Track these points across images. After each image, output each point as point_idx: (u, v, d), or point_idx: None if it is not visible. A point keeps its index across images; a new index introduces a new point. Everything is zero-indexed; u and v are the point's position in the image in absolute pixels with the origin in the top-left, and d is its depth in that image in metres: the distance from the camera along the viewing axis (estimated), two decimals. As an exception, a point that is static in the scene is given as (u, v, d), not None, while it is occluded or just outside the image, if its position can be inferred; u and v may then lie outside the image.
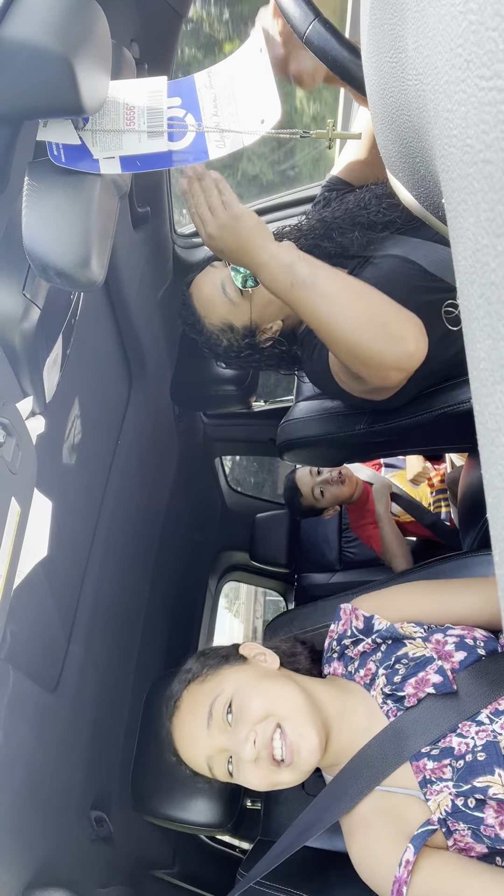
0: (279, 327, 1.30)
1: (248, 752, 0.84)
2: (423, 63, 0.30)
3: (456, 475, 1.94)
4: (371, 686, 0.93)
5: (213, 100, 0.65)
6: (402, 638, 0.94)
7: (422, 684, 0.87)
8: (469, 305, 0.26)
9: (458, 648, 0.90)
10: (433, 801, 0.80)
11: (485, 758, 0.79)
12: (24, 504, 0.71)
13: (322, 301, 0.95)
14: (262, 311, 1.28)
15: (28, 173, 0.60)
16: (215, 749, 0.89)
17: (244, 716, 0.87)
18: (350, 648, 1.01)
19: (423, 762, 0.82)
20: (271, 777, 0.85)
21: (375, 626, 0.96)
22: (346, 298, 0.95)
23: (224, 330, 1.30)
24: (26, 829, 0.95)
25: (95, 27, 0.54)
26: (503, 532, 0.26)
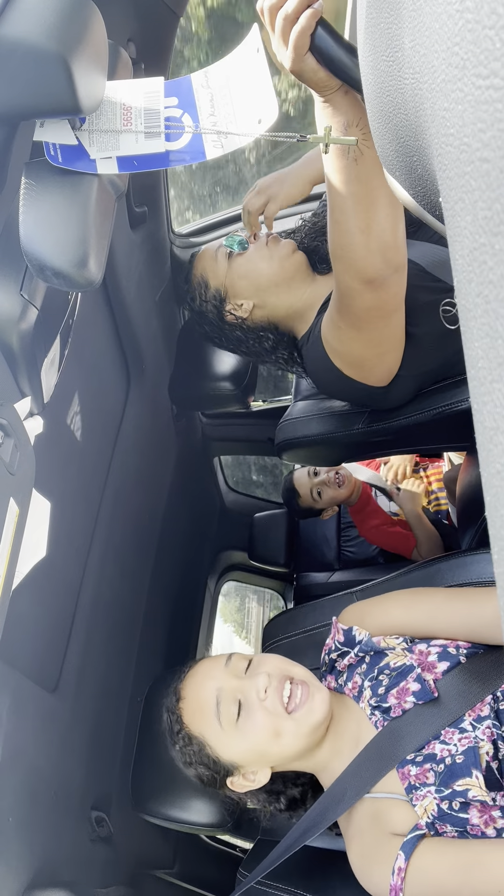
0: (249, 309, 1.32)
1: (262, 683, 0.88)
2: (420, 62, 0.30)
3: (454, 474, 1.94)
4: (359, 698, 0.95)
5: (210, 100, 0.65)
6: (382, 650, 0.96)
7: (403, 694, 0.89)
8: (467, 304, 0.26)
9: (440, 658, 0.91)
10: (419, 807, 0.81)
11: (462, 760, 0.81)
12: (22, 505, 0.70)
13: (351, 183, 0.88)
14: (236, 280, 1.31)
15: (25, 173, 0.60)
16: (229, 686, 0.92)
17: (261, 667, 0.92)
18: (338, 662, 1.03)
19: (407, 769, 0.84)
20: (277, 722, 0.87)
21: (356, 637, 0.99)
22: (371, 197, 0.89)
23: (199, 284, 1.36)
24: (27, 830, 0.95)
25: (92, 27, 0.54)
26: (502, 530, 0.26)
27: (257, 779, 0.94)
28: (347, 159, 0.86)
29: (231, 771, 0.94)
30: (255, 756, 0.91)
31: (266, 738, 0.88)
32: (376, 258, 0.93)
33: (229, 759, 0.92)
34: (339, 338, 1.13)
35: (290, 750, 0.89)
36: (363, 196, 0.88)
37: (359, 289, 0.98)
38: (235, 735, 0.90)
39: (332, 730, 0.93)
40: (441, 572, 1.14)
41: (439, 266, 1.23)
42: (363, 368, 1.16)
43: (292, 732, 0.88)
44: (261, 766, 0.94)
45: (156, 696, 1.31)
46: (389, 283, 0.97)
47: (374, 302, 1.00)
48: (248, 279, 1.30)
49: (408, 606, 1.01)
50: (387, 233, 0.92)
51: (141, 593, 1.63)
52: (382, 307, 1.01)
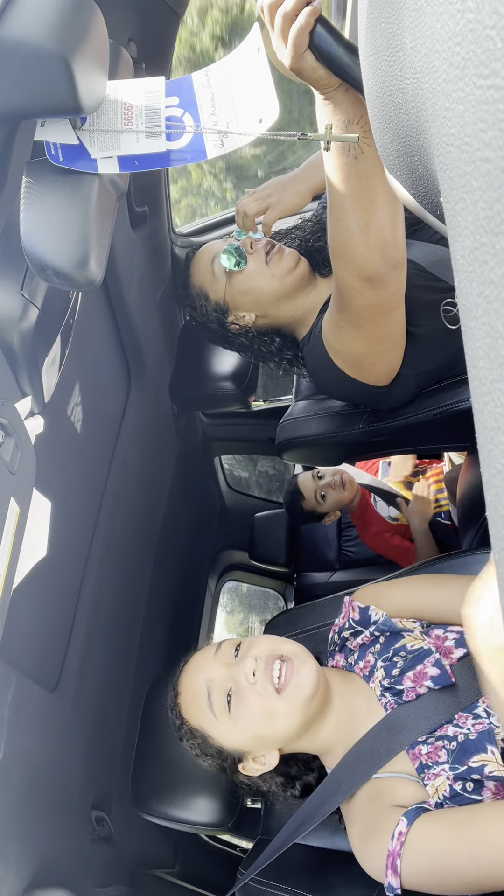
0: (251, 320, 1.32)
1: (249, 667, 0.88)
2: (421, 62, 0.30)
3: (455, 474, 1.94)
4: (370, 678, 0.94)
5: (211, 99, 0.65)
6: (399, 631, 0.95)
7: (420, 678, 0.87)
8: (468, 304, 0.26)
9: (458, 645, 0.90)
10: (431, 786, 0.80)
11: (476, 737, 0.80)
12: (23, 504, 0.70)
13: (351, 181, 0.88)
14: (237, 296, 1.30)
15: (26, 173, 0.60)
16: (219, 675, 0.92)
17: (250, 651, 0.92)
18: (350, 640, 1.02)
19: (418, 749, 0.83)
20: (268, 704, 0.87)
21: (372, 616, 0.98)
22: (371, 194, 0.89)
23: (199, 295, 1.34)
24: (27, 830, 0.95)
25: (93, 27, 0.54)
26: (502, 530, 0.26)
27: (267, 761, 0.94)
28: (348, 157, 0.86)
29: (238, 758, 0.94)
30: (255, 741, 0.92)
31: (260, 722, 0.88)
32: (376, 256, 0.93)
33: (233, 747, 0.93)
34: (339, 337, 1.12)
35: (288, 729, 0.89)
36: (363, 194, 0.88)
37: (358, 287, 0.97)
38: (231, 723, 0.90)
39: (338, 707, 0.92)
40: (441, 572, 1.14)
41: (439, 265, 1.23)
42: (364, 367, 1.16)
43: (285, 712, 0.87)
44: (266, 749, 0.94)
45: (156, 696, 1.31)
46: (389, 281, 0.97)
47: (373, 300, 0.99)
48: (249, 295, 1.29)
49: (425, 590, 1.01)
50: (386, 230, 0.92)
51: (141, 593, 1.63)
52: (382, 305, 1.01)
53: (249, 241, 1.28)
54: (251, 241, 1.28)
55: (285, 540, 2.41)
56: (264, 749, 0.94)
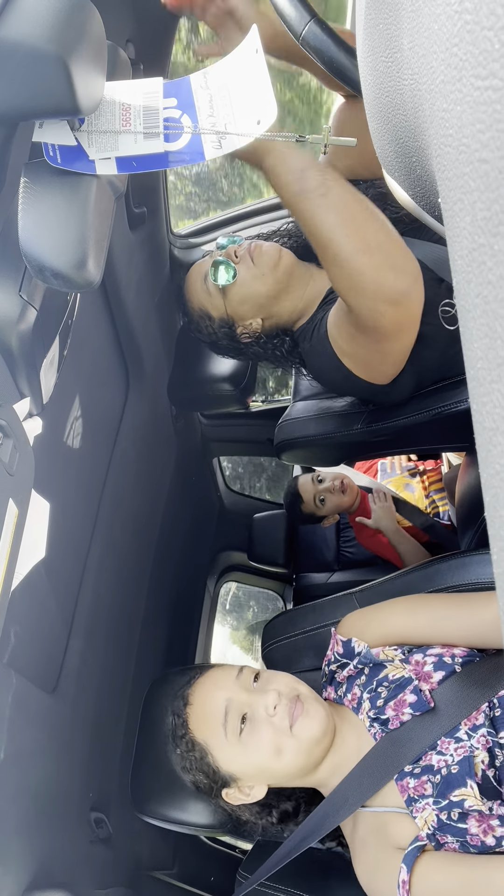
0: (259, 326, 1.32)
1: (272, 700, 0.88)
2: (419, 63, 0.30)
3: (454, 474, 1.94)
4: (358, 710, 0.95)
5: (210, 100, 0.65)
6: (381, 662, 0.96)
7: (400, 706, 0.89)
8: (466, 305, 0.26)
9: (436, 668, 0.92)
10: (420, 818, 0.81)
11: (457, 771, 0.81)
12: (21, 506, 0.70)
13: (328, 216, 0.88)
14: (237, 307, 1.30)
15: (24, 174, 0.60)
16: (238, 698, 0.92)
17: (271, 683, 0.92)
18: (338, 673, 1.03)
19: (406, 781, 0.84)
20: (280, 739, 0.87)
21: (355, 649, 0.99)
22: (355, 218, 0.89)
23: (202, 317, 1.35)
24: (26, 831, 0.95)
25: (91, 28, 0.54)
26: (501, 531, 0.26)
27: (252, 794, 0.93)
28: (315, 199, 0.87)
29: (228, 782, 0.93)
30: (254, 771, 0.91)
31: (268, 755, 0.88)
32: (388, 274, 0.90)
33: (229, 770, 0.92)
34: (353, 346, 1.11)
35: (290, 768, 0.89)
36: (345, 220, 0.87)
37: (385, 310, 0.94)
38: (238, 748, 0.90)
39: (333, 744, 0.93)
40: (441, 573, 1.14)
41: (438, 262, 1.23)
42: (372, 369, 1.16)
43: (293, 750, 0.87)
44: (258, 782, 0.93)
45: (155, 697, 1.31)
46: (413, 295, 0.94)
47: (400, 316, 0.97)
48: (248, 302, 1.28)
49: (409, 613, 1.01)
50: (386, 243, 0.89)
51: (140, 594, 1.63)
52: (409, 318, 0.99)
53: (233, 250, 1.28)
54: (234, 249, 1.28)
55: (284, 541, 2.41)
56: (257, 781, 0.93)
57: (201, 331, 1.38)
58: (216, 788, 0.94)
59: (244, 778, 0.93)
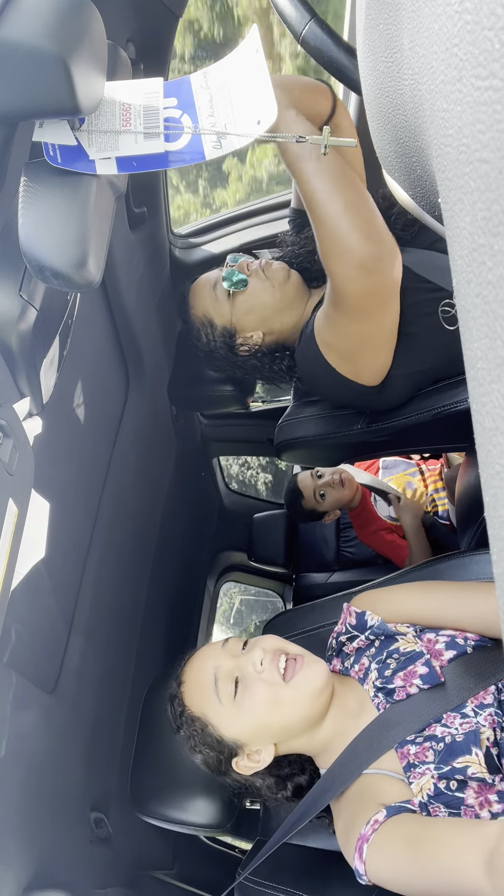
0: (260, 339, 1.34)
1: (257, 656, 0.91)
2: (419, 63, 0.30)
3: (454, 474, 1.94)
4: (364, 680, 0.96)
5: (210, 100, 0.65)
6: (393, 634, 0.96)
7: (410, 677, 0.89)
8: (466, 305, 0.26)
9: (448, 647, 0.92)
10: (416, 785, 0.81)
11: (463, 739, 0.81)
12: (21, 505, 0.70)
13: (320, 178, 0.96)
14: (242, 317, 1.32)
15: (24, 174, 0.60)
16: (226, 664, 0.94)
17: (258, 644, 0.94)
18: (347, 645, 1.04)
19: (406, 748, 0.85)
20: (274, 691, 0.89)
21: (368, 621, 0.99)
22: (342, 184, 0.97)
23: (204, 324, 1.36)
24: (26, 831, 0.95)
25: (91, 27, 0.54)
26: (501, 531, 0.26)
27: (262, 758, 0.94)
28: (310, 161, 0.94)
29: (234, 750, 0.94)
30: (256, 730, 0.92)
31: (265, 709, 0.89)
32: (364, 237, 0.95)
33: (232, 736, 0.93)
34: (334, 332, 1.13)
35: (291, 719, 0.90)
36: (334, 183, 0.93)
37: (355, 275, 0.98)
38: (235, 710, 0.92)
39: (335, 708, 0.94)
40: (440, 573, 1.14)
41: (429, 268, 1.23)
42: (356, 364, 1.16)
43: (290, 700, 0.89)
44: (264, 743, 0.94)
45: (155, 697, 1.31)
46: (384, 267, 0.98)
47: (372, 286, 1.00)
48: (254, 313, 1.31)
49: (421, 596, 1.02)
50: (365, 212, 0.94)
51: (140, 594, 1.63)
52: (380, 292, 1.02)
53: (245, 264, 1.31)
54: (247, 263, 1.31)
55: (284, 541, 2.41)
56: (262, 741, 0.94)
57: (200, 339, 1.39)
58: (225, 761, 0.95)
59: (248, 741, 0.93)
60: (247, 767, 0.96)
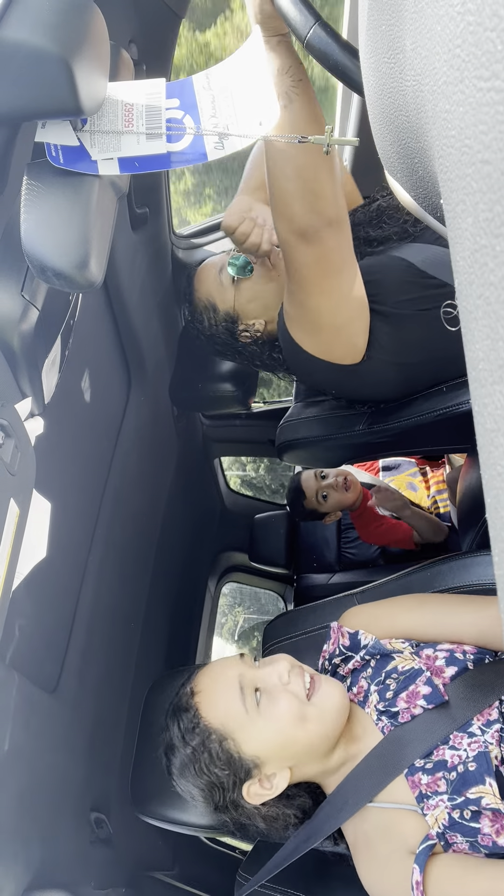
0: (262, 327, 1.33)
1: (284, 668, 0.88)
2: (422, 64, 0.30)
3: (456, 475, 1.94)
4: (364, 703, 0.94)
5: (212, 101, 0.65)
6: (390, 653, 0.95)
7: (413, 698, 0.87)
8: (468, 306, 0.26)
9: (448, 663, 0.90)
10: (430, 816, 0.80)
11: (475, 768, 0.80)
12: (22, 505, 0.70)
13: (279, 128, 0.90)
14: (245, 304, 1.31)
15: (27, 174, 0.60)
16: (249, 674, 0.90)
17: (278, 660, 0.91)
18: (341, 667, 1.02)
19: (417, 777, 0.83)
20: (301, 707, 0.86)
21: (362, 641, 0.97)
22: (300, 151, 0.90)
23: (207, 308, 1.35)
24: (26, 832, 0.95)
25: (93, 28, 0.54)
26: (502, 532, 0.26)
27: (275, 784, 0.88)
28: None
29: (250, 771, 0.87)
30: (280, 744, 0.86)
31: (291, 722, 0.85)
32: (306, 208, 0.93)
33: (252, 752, 0.86)
34: (292, 304, 1.12)
35: (315, 736, 0.86)
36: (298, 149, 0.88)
37: (293, 242, 0.97)
38: (260, 721, 0.86)
39: (345, 733, 0.91)
40: (442, 574, 1.14)
41: (436, 265, 1.23)
42: (321, 342, 1.15)
43: (316, 717, 0.85)
44: (281, 765, 0.88)
45: (156, 697, 1.31)
46: (323, 238, 0.96)
47: (311, 257, 0.98)
48: (257, 301, 1.30)
49: (416, 610, 1.00)
50: (315, 182, 0.91)
51: (141, 594, 1.63)
52: (321, 264, 1.00)
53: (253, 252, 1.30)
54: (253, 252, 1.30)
55: (285, 541, 2.41)
56: (281, 763, 0.88)
57: (202, 322, 1.38)
58: (236, 785, 0.88)
59: (268, 759, 0.87)
60: (258, 795, 0.88)
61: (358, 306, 1.10)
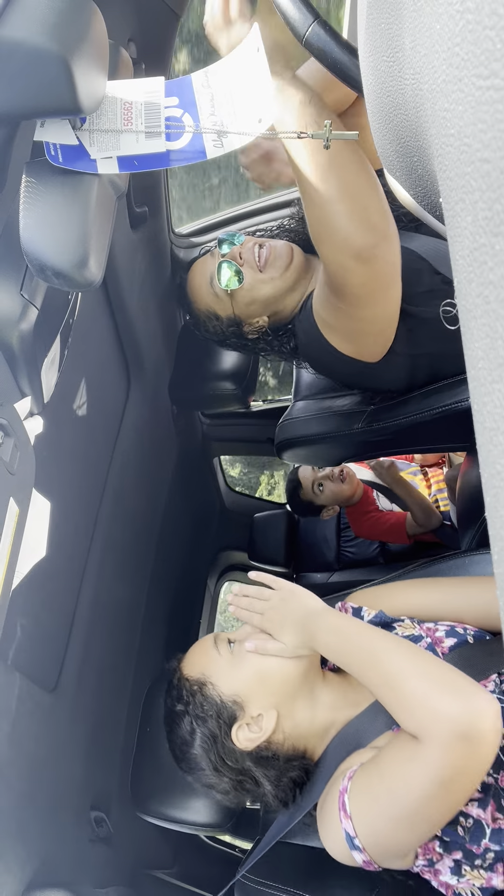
0: (265, 322, 1.33)
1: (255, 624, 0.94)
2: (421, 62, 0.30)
3: (455, 473, 1.94)
4: None
5: (211, 99, 0.65)
6: (391, 622, 0.96)
7: None
8: (467, 304, 0.26)
9: (448, 635, 0.91)
10: None
11: None
12: (22, 504, 0.70)
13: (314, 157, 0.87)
14: (245, 307, 1.31)
15: (26, 173, 0.60)
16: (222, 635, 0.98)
17: None
18: None
19: None
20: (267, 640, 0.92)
21: (365, 617, 0.98)
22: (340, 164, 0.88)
23: (210, 317, 1.35)
24: (26, 831, 0.95)
25: (92, 27, 0.54)
26: (502, 531, 0.26)
27: (263, 726, 0.90)
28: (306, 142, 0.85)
29: (235, 714, 0.91)
30: (255, 678, 0.91)
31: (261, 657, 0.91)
32: (361, 226, 0.89)
33: (231, 690, 0.91)
34: (335, 316, 1.11)
35: (290, 665, 0.90)
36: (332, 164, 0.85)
37: (351, 266, 0.94)
38: (234, 659, 0.93)
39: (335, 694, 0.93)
40: (441, 572, 1.14)
41: (432, 253, 1.23)
42: (358, 344, 1.15)
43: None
44: (265, 702, 0.91)
45: (155, 697, 1.31)
46: (380, 254, 0.93)
47: (368, 276, 0.96)
48: (256, 303, 1.29)
49: (418, 591, 1.01)
50: (365, 196, 0.88)
51: (141, 593, 1.63)
52: (378, 280, 0.98)
53: (237, 252, 1.27)
54: (238, 251, 1.28)
55: (284, 540, 2.41)
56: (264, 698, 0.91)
57: (209, 329, 1.39)
58: (225, 729, 0.91)
59: (248, 697, 0.91)
60: (248, 739, 0.91)
61: (396, 313, 1.09)
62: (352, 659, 0.83)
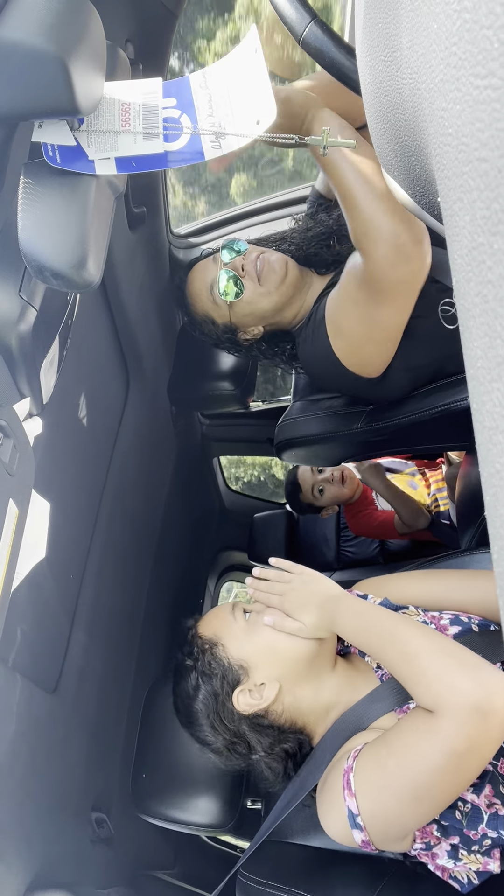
0: (260, 332, 1.35)
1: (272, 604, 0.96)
2: (418, 62, 0.30)
3: (455, 472, 1.94)
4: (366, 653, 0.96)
5: (209, 100, 0.65)
6: (396, 608, 0.97)
7: None
8: (465, 304, 0.26)
9: (452, 623, 0.93)
10: None
11: None
12: (22, 506, 0.70)
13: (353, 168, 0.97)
14: (242, 318, 1.32)
15: (24, 174, 0.60)
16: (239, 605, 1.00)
17: None
18: None
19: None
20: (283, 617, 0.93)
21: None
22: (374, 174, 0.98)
23: (206, 321, 1.37)
24: (27, 832, 0.95)
25: (90, 28, 0.54)
26: (501, 530, 0.26)
27: (264, 695, 0.93)
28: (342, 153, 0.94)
29: (239, 677, 0.94)
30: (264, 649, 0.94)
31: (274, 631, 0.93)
32: (402, 221, 0.96)
33: (240, 654, 0.94)
34: (350, 315, 1.12)
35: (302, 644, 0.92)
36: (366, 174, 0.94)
37: (394, 258, 0.99)
38: (248, 627, 0.96)
39: (339, 678, 0.94)
40: (441, 572, 1.14)
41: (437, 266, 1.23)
42: (361, 356, 1.16)
43: (300, 629, 0.91)
44: (269, 673, 0.94)
45: (156, 697, 1.31)
46: (419, 254, 0.99)
47: (405, 273, 1.01)
48: (253, 315, 1.31)
49: (424, 582, 1.03)
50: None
51: (141, 594, 1.63)
52: (412, 280, 1.03)
53: (240, 263, 1.28)
54: (241, 262, 1.28)
55: (284, 540, 2.41)
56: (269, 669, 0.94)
57: (204, 332, 1.40)
58: (227, 690, 0.94)
59: (254, 665, 0.94)
60: (248, 704, 0.93)
61: (402, 329, 1.13)
62: (371, 639, 0.86)
